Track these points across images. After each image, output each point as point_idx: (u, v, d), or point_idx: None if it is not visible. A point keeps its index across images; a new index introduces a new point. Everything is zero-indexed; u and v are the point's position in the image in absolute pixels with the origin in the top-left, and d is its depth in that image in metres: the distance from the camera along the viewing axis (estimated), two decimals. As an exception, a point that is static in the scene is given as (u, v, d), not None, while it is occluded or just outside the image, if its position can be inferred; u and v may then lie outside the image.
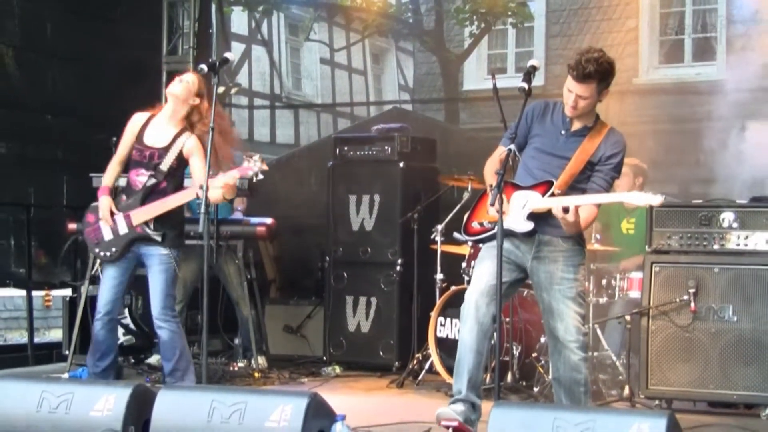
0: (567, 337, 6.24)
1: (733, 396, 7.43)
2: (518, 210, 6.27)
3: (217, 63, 6.94)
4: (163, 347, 7.64)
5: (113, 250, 7.49)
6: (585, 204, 6.23)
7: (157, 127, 7.54)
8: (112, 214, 7.46)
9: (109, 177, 7.60)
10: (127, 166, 7.61)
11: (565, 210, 6.02)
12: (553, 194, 6.21)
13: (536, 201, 6.23)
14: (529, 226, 6.24)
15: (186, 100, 7.48)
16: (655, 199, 6.09)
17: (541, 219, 6.25)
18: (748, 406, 7.51)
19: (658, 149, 8.87)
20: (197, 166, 7.38)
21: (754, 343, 7.36)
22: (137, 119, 7.59)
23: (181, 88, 7.46)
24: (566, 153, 6.28)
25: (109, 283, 7.59)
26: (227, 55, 7.32)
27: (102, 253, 7.56)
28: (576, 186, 6.28)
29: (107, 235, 7.49)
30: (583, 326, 6.39)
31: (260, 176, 7.19)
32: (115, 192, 7.64)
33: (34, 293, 10.34)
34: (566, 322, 6.25)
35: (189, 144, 7.43)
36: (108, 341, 7.63)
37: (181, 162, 7.45)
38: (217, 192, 7.13)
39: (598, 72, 6.08)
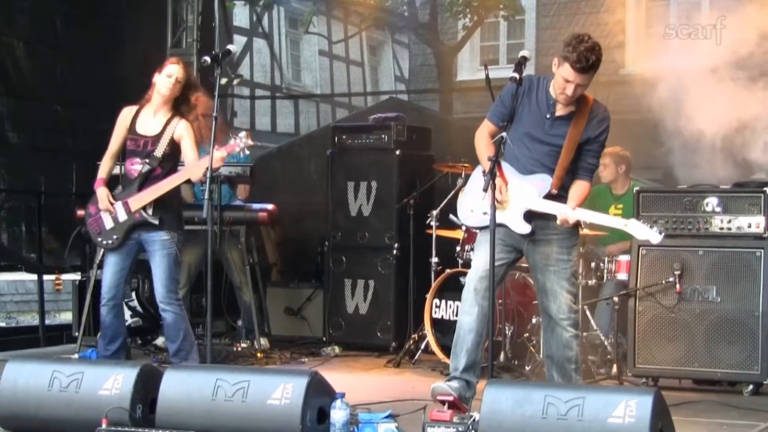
0: (559, 315, 6.40)
1: (717, 374, 7.55)
2: (514, 207, 6.35)
3: (220, 55, 7.05)
4: (167, 329, 7.77)
5: (114, 237, 7.63)
6: (578, 185, 6.38)
7: (147, 116, 7.66)
8: (110, 203, 7.61)
9: (103, 170, 7.74)
10: (121, 158, 7.77)
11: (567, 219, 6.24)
12: (550, 193, 6.33)
13: (534, 201, 6.33)
14: (527, 228, 6.35)
15: (173, 97, 7.63)
16: (656, 238, 6.27)
17: (537, 214, 6.37)
18: (731, 383, 7.63)
19: (643, 137, 8.91)
20: (188, 149, 7.52)
21: (737, 323, 7.48)
22: (127, 113, 7.72)
23: (171, 88, 7.57)
24: (553, 140, 6.35)
25: (111, 269, 7.72)
26: (229, 47, 7.48)
27: (104, 242, 7.70)
28: (567, 169, 6.39)
29: (108, 224, 7.63)
30: (575, 305, 6.53)
31: (247, 151, 7.34)
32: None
33: (45, 277, 10.40)
34: (559, 301, 6.40)
35: (180, 128, 7.56)
36: (115, 325, 7.77)
37: (174, 147, 7.57)
38: (200, 172, 7.30)
39: (598, 60, 6.16)
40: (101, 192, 7.66)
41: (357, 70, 12.47)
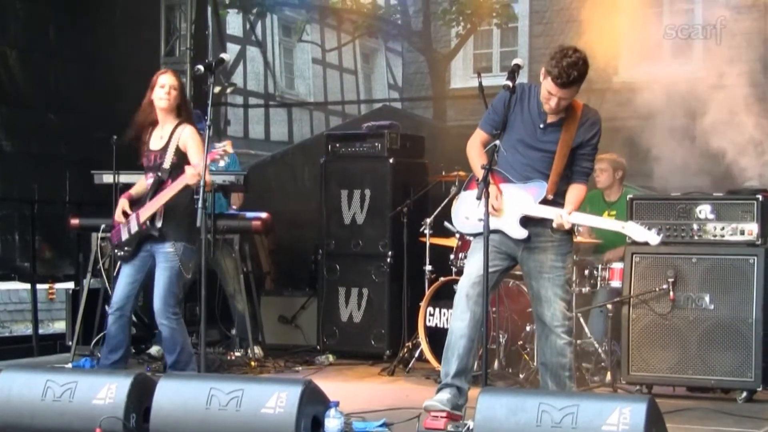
0: (554, 323, 6.41)
1: (711, 381, 7.56)
2: (511, 213, 6.38)
3: (213, 63, 7.05)
4: (164, 342, 7.76)
5: (126, 249, 7.65)
6: (574, 189, 6.40)
7: (157, 132, 7.67)
8: (126, 215, 7.62)
9: (135, 187, 7.81)
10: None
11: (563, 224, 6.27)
12: (545, 199, 6.36)
13: (530, 207, 6.37)
14: (524, 234, 6.38)
15: (174, 105, 7.62)
16: (654, 239, 6.29)
17: (532, 219, 6.39)
18: (725, 390, 7.63)
19: (637, 144, 8.91)
20: (192, 155, 7.44)
21: (731, 330, 7.49)
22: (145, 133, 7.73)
23: (167, 98, 7.57)
24: (546, 146, 6.38)
25: (123, 281, 7.71)
26: (223, 55, 7.48)
27: (119, 253, 7.72)
28: (562, 174, 6.41)
29: (124, 235, 7.65)
30: (569, 312, 6.55)
31: (226, 159, 7.27)
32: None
33: (39, 286, 10.39)
34: (553, 309, 6.41)
35: (185, 135, 7.54)
36: (119, 336, 7.73)
37: (181, 157, 7.52)
38: (193, 179, 7.28)
39: (581, 76, 6.18)
40: (120, 202, 7.71)
41: (350, 78, 12.49)
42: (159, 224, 7.51)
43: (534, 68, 9.86)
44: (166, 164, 7.55)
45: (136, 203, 7.68)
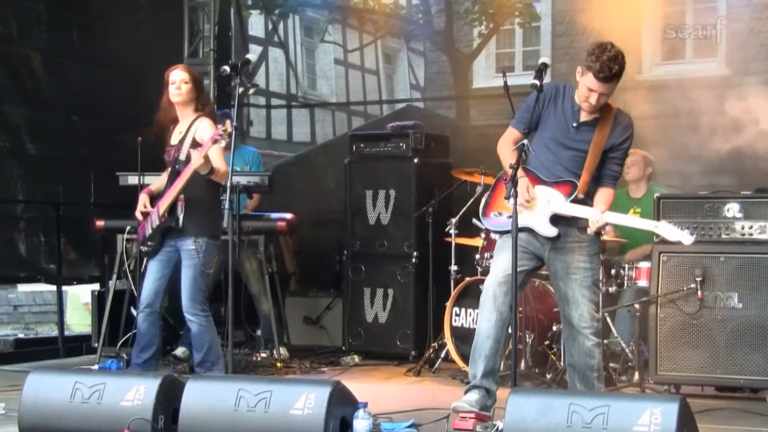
0: (581, 324, 6.39)
1: (740, 380, 7.51)
2: (541, 210, 6.37)
3: (239, 65, 7.08)
4: (193, 338, 7.79)
5: (149, 244, 7.67)
6: (603, 192, 6.39)
7: (178, 127, 7.73)
8: (146, 209, 7.64)
9: (155, 182, 7.85)
10: None
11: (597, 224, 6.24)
12: (576, 198, 6.34)
13: (561, 205, 6.35)
14: (554, 231, 6.36)
15: (190, 99, 7.67)
16: (688, 239, 6.26)
17: (561, 218, 6.38)
18: (754, 390, 7.60)
19: (661, 143, 8.89)
20: (213, 151, 7.40)
21: (760, 330, 7.43)
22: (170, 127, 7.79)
23: (179, 92, 7.63)
24: (579, 145, 6.37)
25: (150, 277, 7.74)
26: (248, 56, 7.50)
27: (143, 248, 7.76)
28: (593, 175, 6.41)
29: (148, 231, 7.68)
30: (597, 313, 6.51)
31: (226, 138, 7.17)
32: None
33: (64, 288, 10.42)
34: (581, 310, 6.39)
35: (201, 128, 7.57)
36: (150, 333, 7.76)
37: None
38: (197, 162, 7.29)
39: (621, 69, 6.20)
40: (140, 198, 7.73)
41: (372, 79, 12.45)
42: (180, 216, 7.51)
43: (556, 68, 9.83)
44: (182, 156, 7.56)
45: (157, 199, 7.69)
